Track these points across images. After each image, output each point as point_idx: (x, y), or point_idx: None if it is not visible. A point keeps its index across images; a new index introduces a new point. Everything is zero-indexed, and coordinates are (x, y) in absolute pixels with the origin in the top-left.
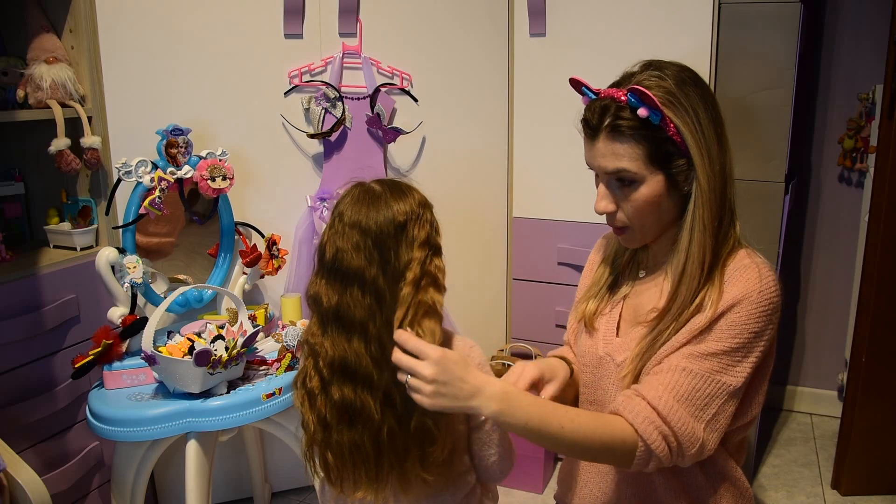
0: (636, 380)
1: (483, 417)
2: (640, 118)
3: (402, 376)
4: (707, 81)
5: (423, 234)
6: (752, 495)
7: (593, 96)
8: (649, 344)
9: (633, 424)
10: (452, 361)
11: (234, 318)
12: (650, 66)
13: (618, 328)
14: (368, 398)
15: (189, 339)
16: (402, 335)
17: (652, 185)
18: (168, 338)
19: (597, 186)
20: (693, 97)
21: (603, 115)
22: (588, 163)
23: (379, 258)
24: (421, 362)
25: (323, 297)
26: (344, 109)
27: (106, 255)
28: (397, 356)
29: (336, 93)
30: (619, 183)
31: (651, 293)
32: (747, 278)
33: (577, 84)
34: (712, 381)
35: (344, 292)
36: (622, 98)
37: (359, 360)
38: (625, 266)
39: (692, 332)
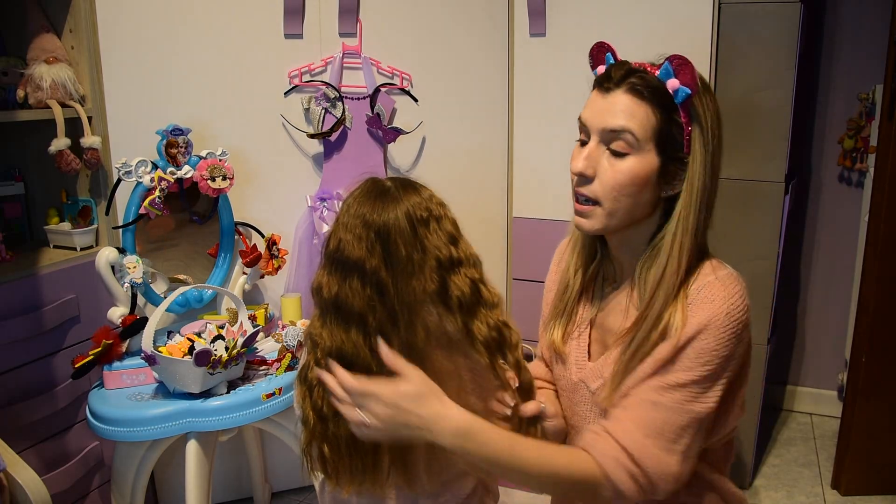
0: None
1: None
2: (666, 90)
3: (352, 414)
4: (707, 81)
5: (440, 237)
6: (744, 498)
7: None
8: (626, 363)
9: (601, 465)
10: (404, 396)
11: (234, 318)
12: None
13: (588, 351)
14: None
15: (189, 339)
16: (339, 371)
17: (644, 162)
18: (168, 338)
19: (578, 147)
20: (710, 100)
21: (628, 74)
22: (586, 119)
23: (381, 250)
24: (370, 401)
25: (324, 287)
26: (344, 109)
27: (106, 255)
28: (339, 394)
29: (336, 93)
30: (610, 151)
31: (618, 311)
32: (712, 299)
33: (601, 50)
34: (683, 412)
35: (343, 283)
36: (652, 70)
37: (356, 351)
38: (589, 281)
39: (658, 361)
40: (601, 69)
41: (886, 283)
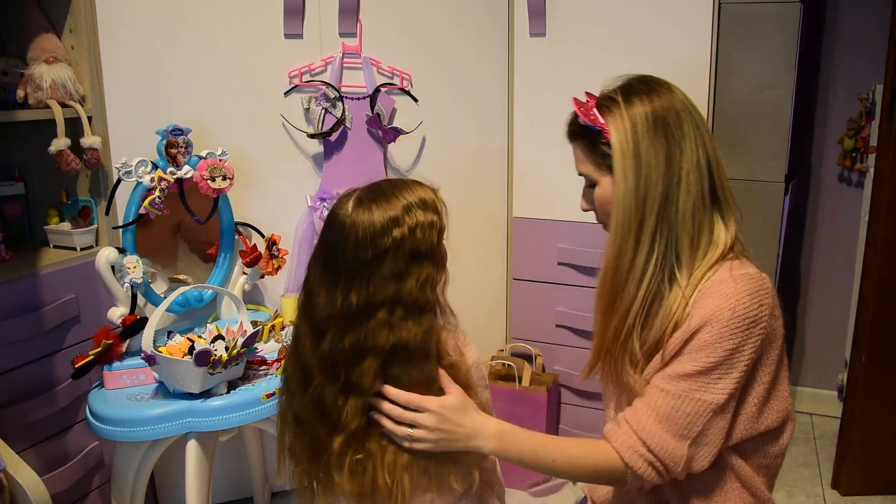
0: (593, 361)
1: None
2: (580, 124)
3: (402, 430)
4: (707, 82)
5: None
6: None
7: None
8: (616, 333)
9: (620, 454)
10: (451, 409)
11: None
12: (624, 82)
13: None
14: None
15: (189, 339)
16: (392, 391)
17: (604, 186)
18: (168, 338)
19: None
20: (638, 106)
21: (570, 126)
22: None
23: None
24: (422, 415)
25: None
26: (344, 109)
27: (106, 255)
28: (397, 412)
29: (336, 93)
30: (588, 184)
31: None
32: (719, 294)
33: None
34: (691, 399)
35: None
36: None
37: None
38: None
39: (669, 352)
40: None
41: (886, 283)
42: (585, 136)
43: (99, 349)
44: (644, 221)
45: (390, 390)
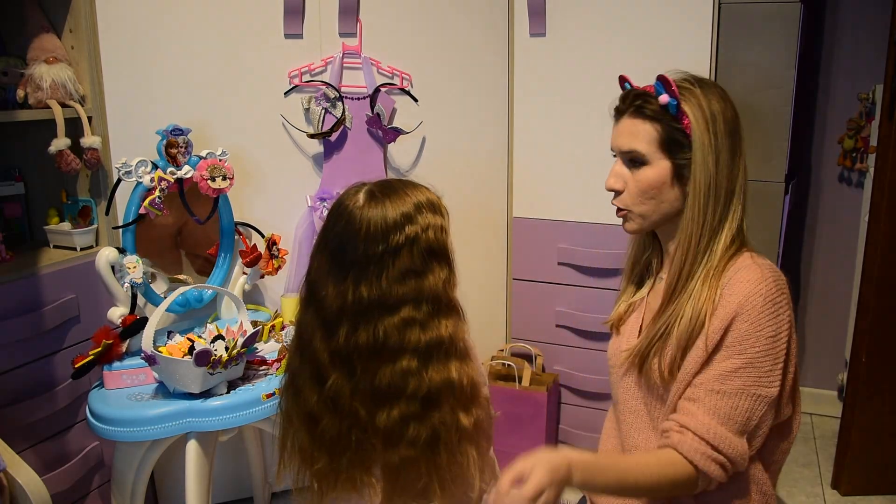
0: (637, 368)
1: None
2: (660, 104)
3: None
4: (707, 78)
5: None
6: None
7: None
8: (647, 340)
9: (692, 462)
10: (551, 470)
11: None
12: (688, 74)
13: (640, 330)
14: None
15: (189, 339)
16: (502, 500)
17: (657, 170)
18: (168, 338)
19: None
20: (716, 103)
21: (632, 100)
22: (612, 143)
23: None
24: (540, 500)
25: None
26: (344, 109)
27: (106, 255)
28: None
29: (336, 93)
30: (630, 163)
31: (660, 292)
32: (746, 280)
33: (622, 80)
34: (748, 395)
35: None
36: (651, 89)
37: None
38: (644, 268)
39: (712, 341)
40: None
41: (886, 283)
42: (655, 114)
43: (99, 349)
44: (713, 211)
45: (507, 492)
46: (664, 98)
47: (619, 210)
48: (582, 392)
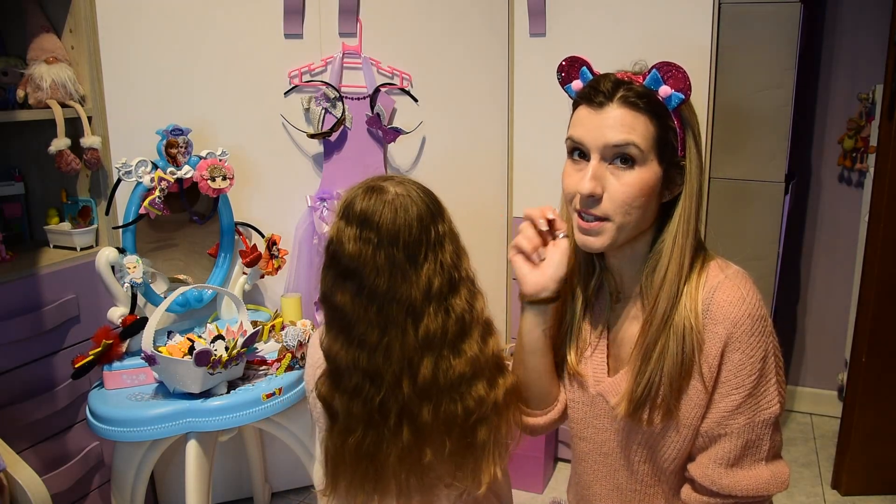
0: (631, 414)
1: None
2: (657, 98)
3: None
4: (707, 82)
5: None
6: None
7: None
8: (640, 370)
9: None
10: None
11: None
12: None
13: (608, 366)
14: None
15: (189, 339)
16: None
17: (649, 172)
18: (168, 338)
19: (573, 165)
20: (690, 104)
21: (617, 86)
22: (581, 137)
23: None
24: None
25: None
26: (344, 109)
27: (106, 255)
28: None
29: (336, 93)
30: (616, 163)
31: (630, 323)
32: (728, 302)
33: (573, 65)
34: (752, 427)
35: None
36: (639, 80)
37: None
38: (590, 298)
39: (707, 390)
40: (577, 84)
41: (886, 283)
42: (651, 108)
43: (99, 349)
44: (696, 228)
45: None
46: (666, 90)
47: (592, 219)
48: None
